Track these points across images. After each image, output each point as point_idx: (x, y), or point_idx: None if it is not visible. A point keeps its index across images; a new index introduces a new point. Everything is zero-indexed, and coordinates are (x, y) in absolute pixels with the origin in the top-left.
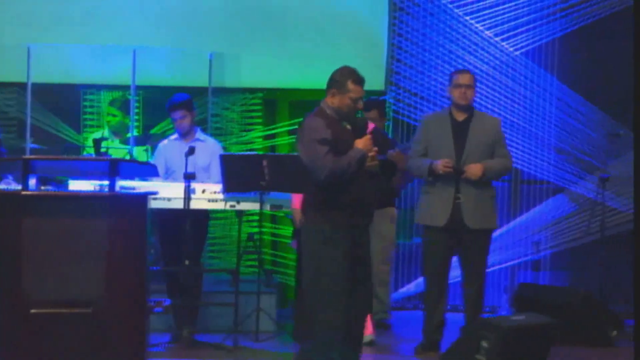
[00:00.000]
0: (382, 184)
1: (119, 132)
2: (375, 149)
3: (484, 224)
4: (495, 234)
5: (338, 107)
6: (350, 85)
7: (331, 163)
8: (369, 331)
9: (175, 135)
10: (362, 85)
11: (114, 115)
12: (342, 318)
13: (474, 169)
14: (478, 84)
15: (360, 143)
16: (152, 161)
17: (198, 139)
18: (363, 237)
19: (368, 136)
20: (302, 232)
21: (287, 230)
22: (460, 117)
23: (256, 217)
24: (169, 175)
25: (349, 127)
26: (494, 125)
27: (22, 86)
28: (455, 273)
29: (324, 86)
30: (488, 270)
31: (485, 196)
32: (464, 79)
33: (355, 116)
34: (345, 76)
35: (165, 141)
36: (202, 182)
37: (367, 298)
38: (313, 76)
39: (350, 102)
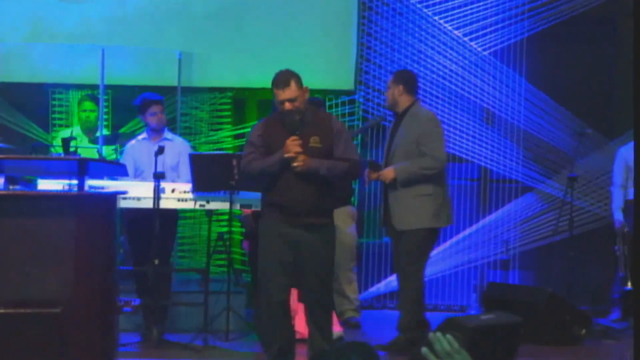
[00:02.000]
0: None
1: (93, 129)
2: (297, 150)
3: (407, 225)
4: (465, 232)
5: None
6: (274, 90)
7: (245, 164)
8: (336, 328)
9: (143, 135)
10: (280, 89)
11: (92, 111)
12: (272, 302)
13: (385, 174)
14: (447, 83)
15: (285, 145)
16: (120, 161)
17: (166, 139)
18: (314, 237)
19: (293, 137)
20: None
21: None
22: (399, 114)
23: (226, 217)
24: (137, 175)
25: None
26: (420, 121)
27: None
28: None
29: None
30: (457, 269)
31: (413, 196)
32: None
33: (288, 118)
34: (272, 83)
35: (133, 141)
36: (172, 181)
37: (318, 301)
38: None
39: (279, 104)
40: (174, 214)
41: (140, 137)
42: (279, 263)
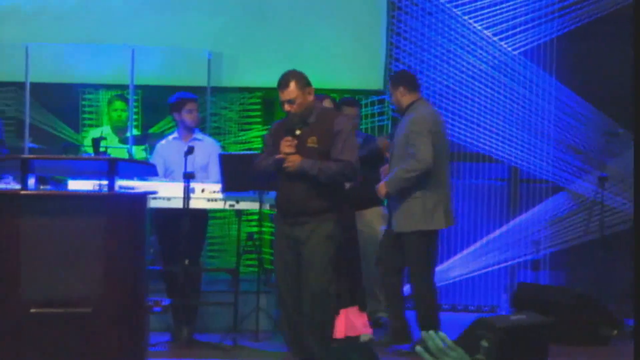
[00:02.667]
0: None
1: (124, 128)
2: (287, 150)
3: (399, 227)
4: (495, 233)
5: None
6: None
7: (254, 163)
8: (367, 330)
9: (174, 135)
10: (280, 90)
11: (124, 110)
12: (283, 310)
13: (379, 190)
14: (477, 83)
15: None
16: (150, 161)
17: (197, 139)
18: (306, 235)
19: (286, 138)
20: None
21: None
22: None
23: (255, 217)
24: (167, 175)
25: (297, 131)
26: (408, 122)
27: (20, 86)
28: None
29: (323, 86)
30: (488, 269)
31: (403, 199)
32: None
33: (291, 119)
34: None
35: (164, 141)
36: (201, 181)
37: (313, 301)
38: (311, 76)
39: (281, 105)
40: (204, 214)
41: (171, 136)
42: (284, 263)
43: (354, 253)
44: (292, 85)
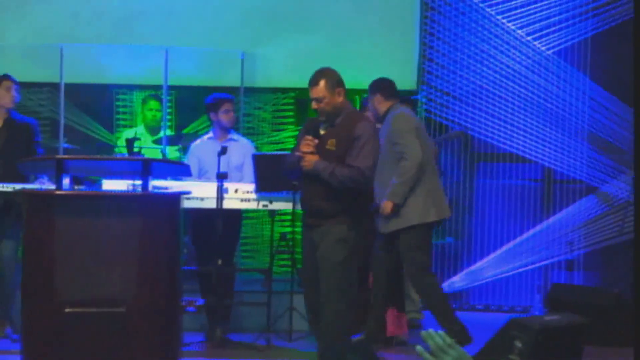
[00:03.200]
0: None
1: (157, 127)
2: (305, 149)
3: (395, 225)
4: (528, 233)
5: None
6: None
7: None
8: (402, 330)
9: (209, 135)
10: (310, 87)
11: (158, 110)
12: (311, 307)
13: (384, 208)
14: (510, 83)
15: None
16: (185, 161)
17: (232, 139)
18: (320, 238)
19: (305, 137)
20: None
21: None
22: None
23: (289, 217)
24: (202, 175)
25: (322, 132)
26: (389, 121)
27: (55, 86)
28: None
29: (355, 86)
30: (521, 270)
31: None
32: None
33: (318, 118)
34: None
35: (199, 141)
36: (236, 181)
37: (324, 302)
38: (344, 76)
39: (311, 103)
40: (238, 214)
41: (206, 136)
42: (304, 263)
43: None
44: (322, 83)
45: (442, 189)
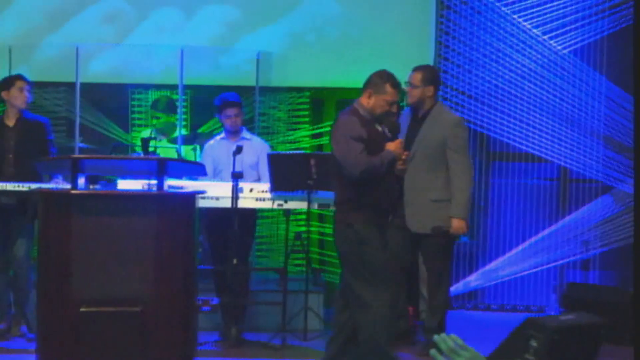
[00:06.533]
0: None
1: (165, 132)
2: (407, 153)
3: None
4: (544, 232)
5: (372, 108)
6: (388, 88)
7: (366, 160)
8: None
9: (222, 135)
10: (398, 90)
11: (158, 118)
12: (389, 311)
13: (456, 228)
14: (527, 82)
15: (392, 146)
16: (199, 161)
17: (244, 138)
18: (387, 235)
19: (400, 140)
20: (334, 233)
21: None
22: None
23: (304, 216)
24: (216, 175)
25: (380, 128)
26: (446, 124)
27: (70, 86)
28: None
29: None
30: (537, 269)
31: (430, 200)
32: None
33: (389, 119)
34: (384, 79)
35: (212, 141)
36: (252, 180)
37: (402, 292)
38: (360, 75)
39: (385, 104)
40: (253, 213)
41: (218, 137)
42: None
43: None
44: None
45: None
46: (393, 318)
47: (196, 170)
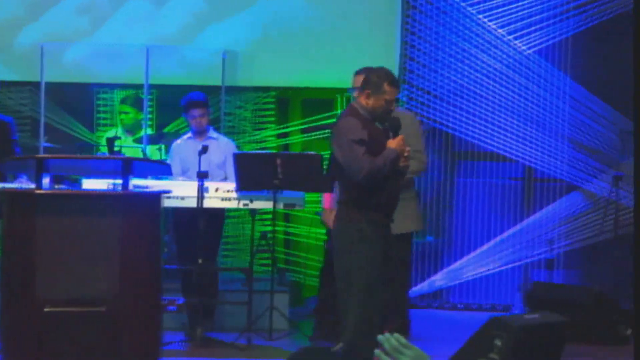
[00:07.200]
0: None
1: (132, 129)
2: (408, 149)
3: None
4: (509, 232)
5: (372, 107)
6: (386, 87)
7: (368, 163)
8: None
9: (189, 134)
10: (397, 88)
11: (127, 113)
12: (374, 315)
13: None
14: (491, 82)
15: (394, 143)
16: (167, 161)
17: (211, 137)
18: (389, 235)
19: (401, 136)
20: (336, 229)
21: (301, 229)
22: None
23: (269, 216)
24: (184, 174)
25: (380, 127)
26: (408, 120)
27: (35, 85)
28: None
29: (337, 85)
30: (501, 268)
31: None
32: None
33: (388, 116)
34: (382, 78)
35: (179, 140)
36: (218, 179)
37: (399, 293)
38: (326, 75)
39: (385, 103)
40: (221, 213)
41: (185, 136)
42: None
43: None
44: None
45: None
46: (373, 325)
47: (161, 169)
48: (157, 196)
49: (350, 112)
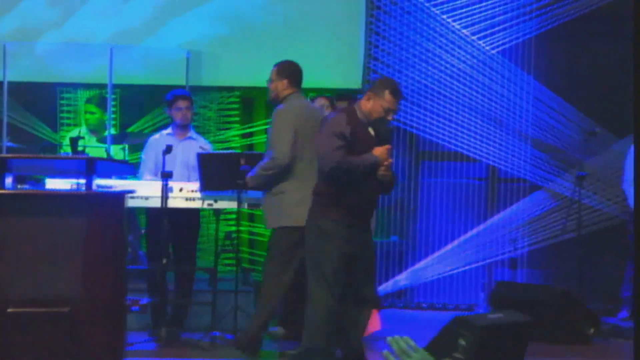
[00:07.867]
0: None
1: (97, 130)
2: (390, 160)
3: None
4: (473, 231)
5: (369, 111)
6: (386, 94)
7: (339, 157)
8: (377, 327)
9: (168, 130)
10: (398, 99)
11: (92, 113)
12: (331, 313)
13: (247, 181)
14: (455, 82)
15: (378, 151)
16: (142, 155)
17: (191, 137)
18: (361, 237)
19: (388, 147)
20: (306, 224)
21: (265, 229)
22: None
23: (234, 216)
24: (158, 170)
25: (372, 132)
26: (273, 115)
27: None
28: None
29: (303, 85)
30: (465, 268)
31: (270, 194)
32: None
33: (383, 125)
34: (386, 85)
35: (157, 135)
36: (195, 180)
37: (369, 294)
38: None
39: (381, 110)
40: (196, 213)
41: (165, 131)
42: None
43: None
44: None
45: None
46: (333, 318)
47: (125, 169)
48: (121, 196)
49: (345, 110)
